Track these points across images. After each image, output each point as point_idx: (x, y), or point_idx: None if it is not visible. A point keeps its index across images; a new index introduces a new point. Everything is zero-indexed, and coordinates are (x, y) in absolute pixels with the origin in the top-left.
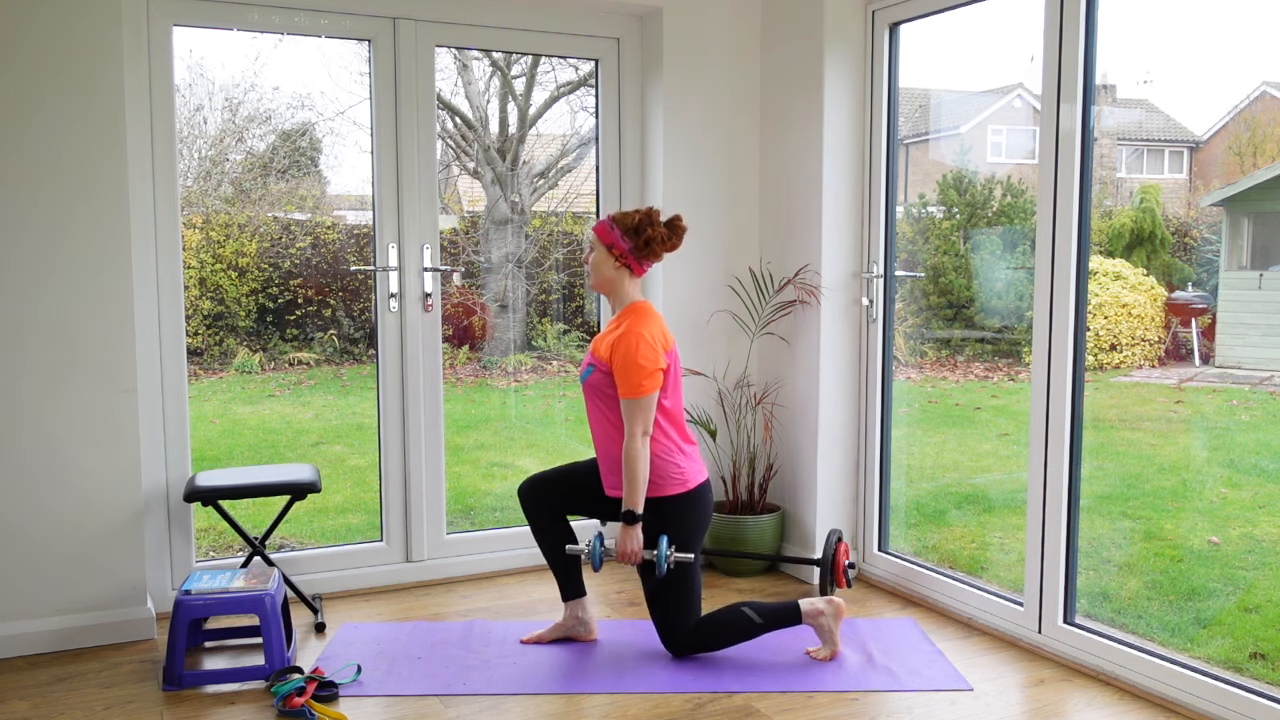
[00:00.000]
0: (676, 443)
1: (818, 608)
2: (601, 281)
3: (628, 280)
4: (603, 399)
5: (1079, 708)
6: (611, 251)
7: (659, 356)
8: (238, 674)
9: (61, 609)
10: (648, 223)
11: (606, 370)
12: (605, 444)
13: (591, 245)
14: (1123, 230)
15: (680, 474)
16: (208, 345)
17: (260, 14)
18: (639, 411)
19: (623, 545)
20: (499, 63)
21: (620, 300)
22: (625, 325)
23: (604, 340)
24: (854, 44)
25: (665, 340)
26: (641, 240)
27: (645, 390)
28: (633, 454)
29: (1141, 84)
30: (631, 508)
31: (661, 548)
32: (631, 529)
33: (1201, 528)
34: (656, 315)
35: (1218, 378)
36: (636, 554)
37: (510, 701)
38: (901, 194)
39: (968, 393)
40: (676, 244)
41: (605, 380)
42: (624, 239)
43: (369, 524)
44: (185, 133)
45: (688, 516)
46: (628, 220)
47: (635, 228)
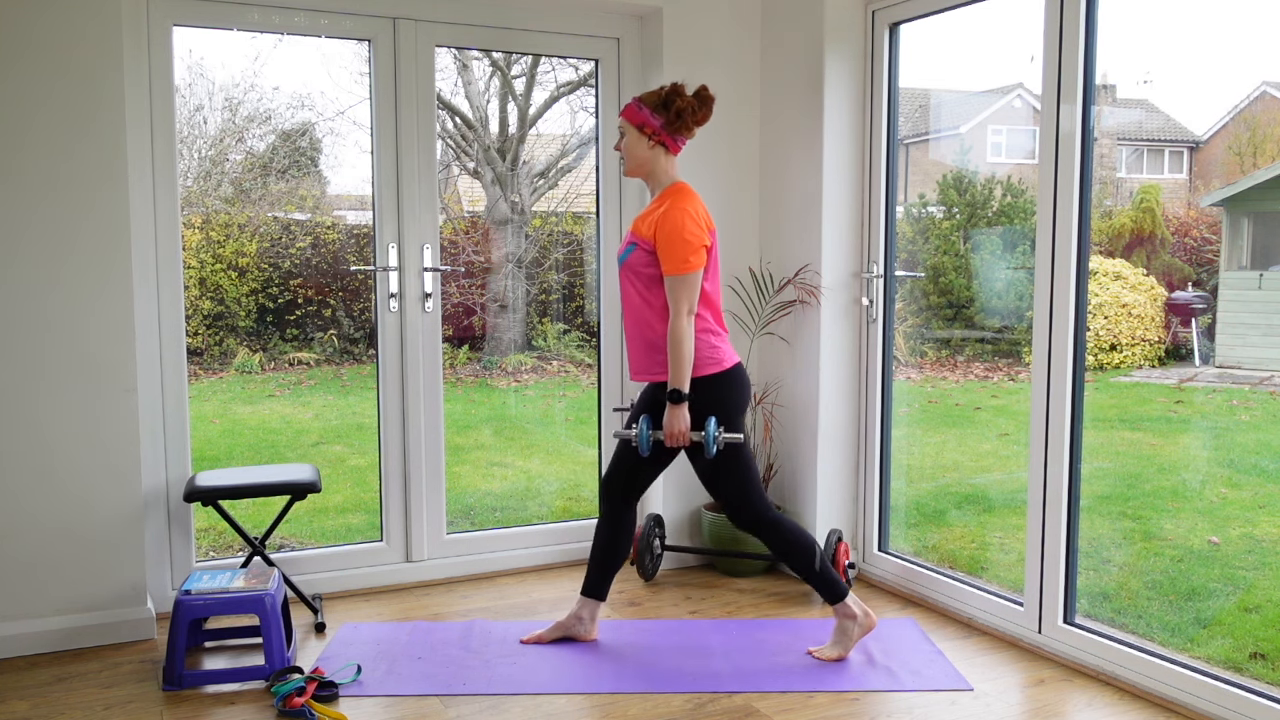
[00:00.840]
0: (712, 325)
1: (855, 611)
2: (637, 164)
3: (663, 158)
4: (641, 279)
5: (1079, 708)
6: (643, 131)
7: (704, 233)
8: (238, 674)
9: (61, 609)
10: (675, 94)
11: (649, 248)
12: (639, 327)
13: (622, 130)
14: (1123, 230)
15: (716, 354)
16: (208, 345)
17: (260, 14)
18: (685, 288)
19: (670, 425)
20: (499, 63)
21: (658, 182)
22: (669, 203)
23: (645, 219)
24: (854, 44)
25: (708, 218)
26: (672, 113)
27: (692, 266)
28: (679, 332)
29: (1141, 84)
30: (678, 386)
31: (710, 429)
32: (678, 408)
33: (1201, 528)
34: (696, 195)
35: (1218, 378)
36: (685, 434)
37: (510, 701)
38: (901, 194)
39: (968, 393)
40: (706, 115)
41: (646, 259)
42: (654, 115)
43: (369, 524)
44: (185, 133)
45: (729, 395)
46: (654, 96)
47: (664, 101)
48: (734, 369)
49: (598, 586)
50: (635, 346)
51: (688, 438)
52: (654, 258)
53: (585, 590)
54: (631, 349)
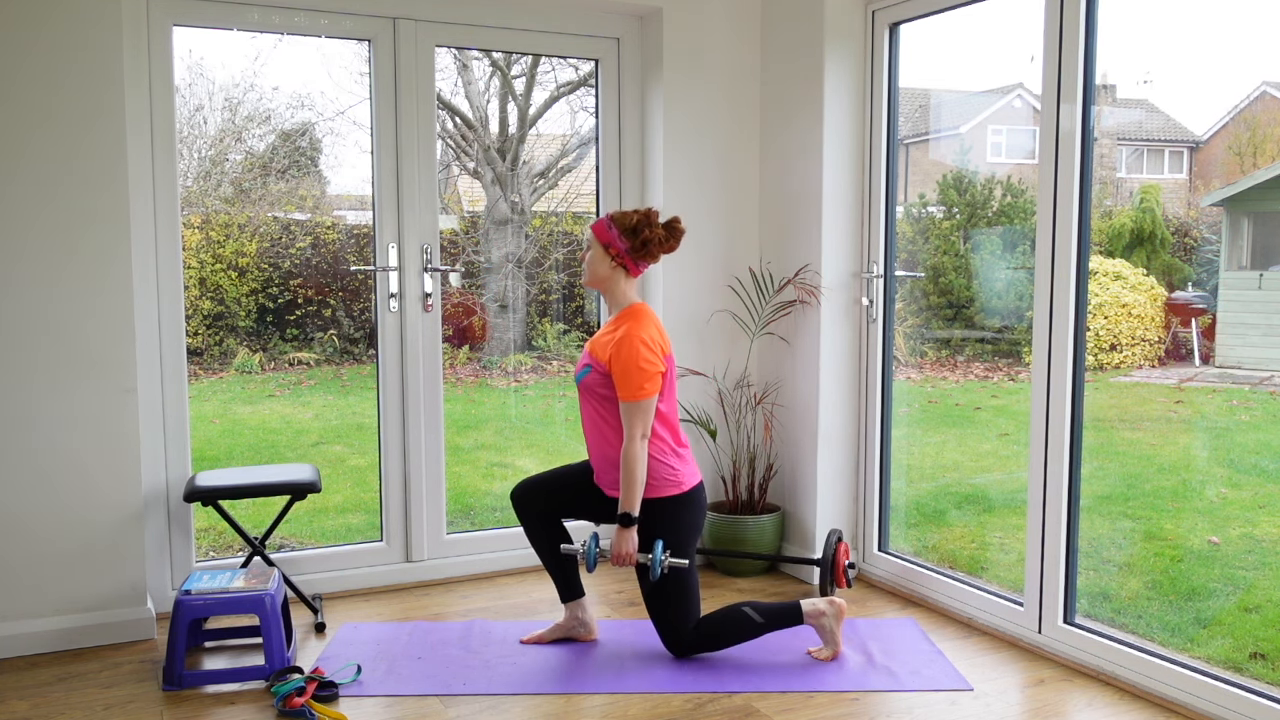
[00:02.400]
0: (671, 445)
1: (819, 608)
2: (596, 280)
3: (623, 280)
4: (598, 399)
5: (1079, 708)
6: (608, 251)
7: (659, 359)
8: (238, 674)
9: (62, 609)
10: (646, 224)
11: (604, 371)
12: (600, 444)
13: (589, 243)
14: (1123, 230)
15: (675, 475)
16: (208, 345)
17: (260, 14)
18: (639, 414)
19: (618, 548)
20: (499, 63)
21: (616, 301)
22: (625, 328)
23: (601, 341)
24: (854, 44)
25: (663, 343)
26: (639, 241)
27: (646, 394)
28: (631, 456)
29: (1141, 84)
30: (628, 510)
31: (656, 553)
32: (627, 531)
33: (1201, 528)
34: (654, 317)
35: (1218, 378)
36: (631, 556)
37: (510, 701)
38: (901, 194)
39: (968, 393)
40: (674, 246)
41: (602, 381)
42: (621, 239)
43: (369, 524)
44: (185, 133)
45: (682, 518)
46: (626, 220)
47: (633, 228)
48: (692, 491)
49: (570, 588)
50: (598, 461)
51: (634, 559)
52: (609, 380)
53: (564, 598)
54: (595, 463)
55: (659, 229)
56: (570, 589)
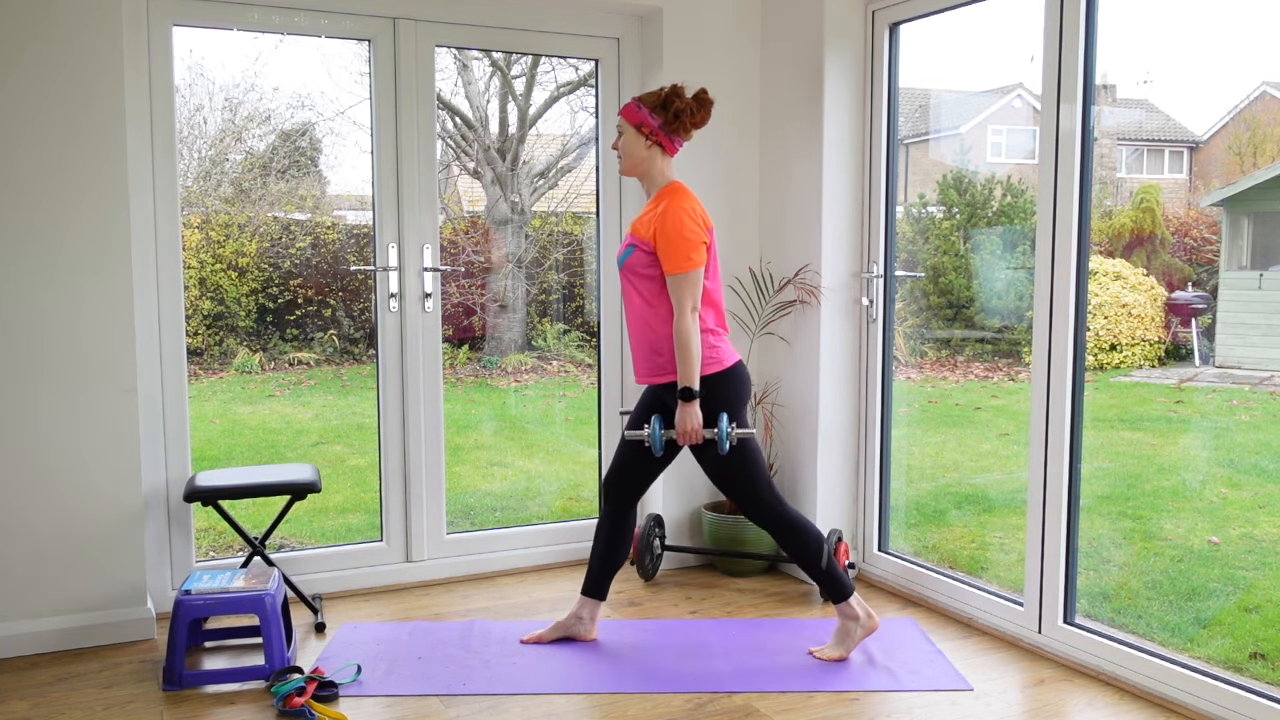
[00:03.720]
0: (712, 326)
1: (858, 612)
2: (633, 164)
3: (660, 159)
4: (642, 281)
5: (1079, 708)
6: (641, 130)
7: (702, 231)
8: (238, 674)
9: (61, 609)
10: (674, 95)
11: (648, 249)
12: (642, 329)
13: (620, 129)
14: (1123, 230)
15: (716, 354)
16: (208, 345)
17: (260, 14)
18: (687, 286)
19: (682, 423)
20: (499, 63)
21: (654, 182)
22: (665, 203)
23: (643, 220)
24: (854, 44)
25: (705, 218)
26: (670, 114)
27: (693, 264)
28: (684, 330)
29: (1141, 84)
30: (688, 384)
31: (723, 426)
32: (690, 406)
33: (1201, 528)
34: (693, 194)
35: (1218, 378)
36: (697, 432)
37: (510, 701)
38: (901, 194)
39: (968, 393)
40: (705, 118)
41: (646, 260)
42: (652, 115)
43: (369, 524)
44: (185, 133)
45: (732, 392)
46: (653, 97)
47: (663, 102)
48: (735, 367)
49: (598, 586)
50: (639, 349)
51: (700, 435)
52: (654, 258)
53: (586, 590)
54: (636, 352)
55: (689, 99)
56: (599, 588)
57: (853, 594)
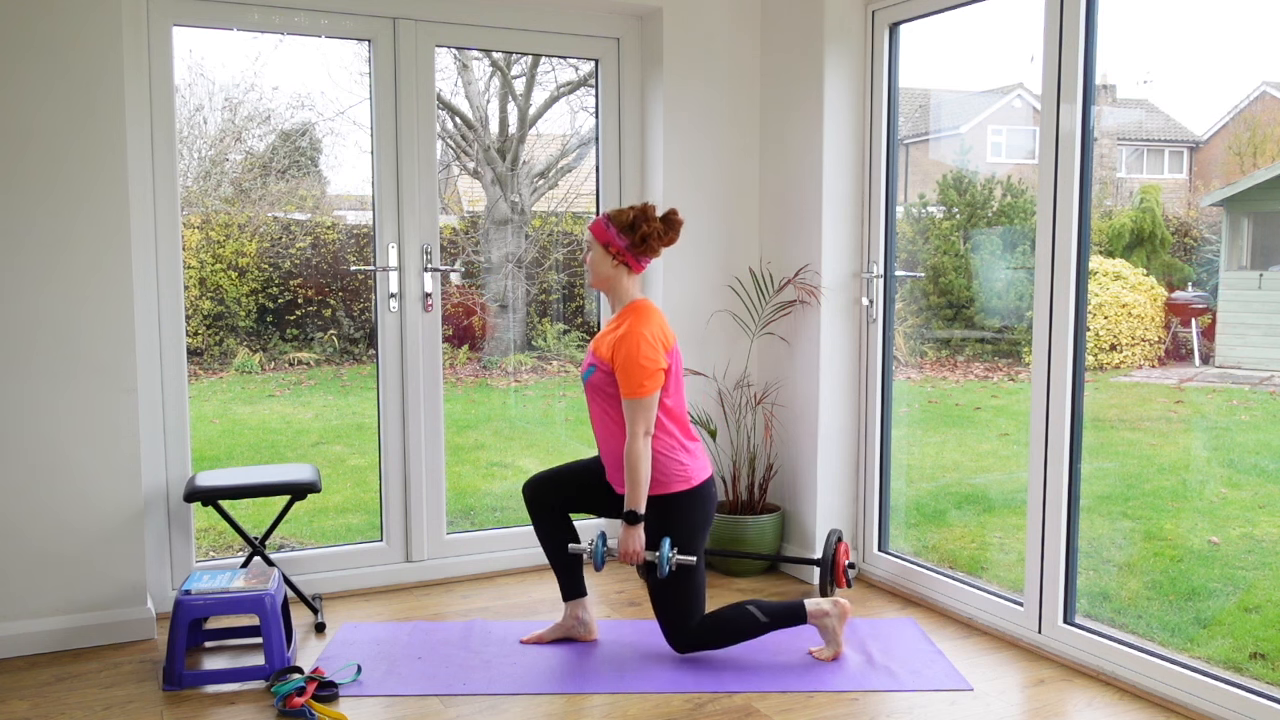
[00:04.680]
0: (679, 440)
1: (823, 608)
2: (599, 280)
3: (626, 278)
4: (605, 398)
5: (1079, 708)
6: (609, 250)
7: (660, 356)
8: (238, 674)
9: (61, 609)
10: (643, 218)
11: (608, 370)
12: (609, 442)
13: (588, 244)
14: (1123, 230)
15: (684, 471)
16: (208, 345)
17: (260, 14)
18: (641, 411)
19: (624, 545)
20: (499, 63)
21: (620, 299)
22: (626, 325)
23: (604, 339)
24: (854, 44)
25: (666, 339)
26: (638, 237)
27: (647, 390)
28: (634, 454)
29: (1141, 84)
30: (634, 508)
31: (664, 550)
32: (634, 529)
33: (1201, 528)
34: (657, 313)
35: (1218, 378)
36: (639, 554)
37: (510, 701)
38: (901, 194)
39: (968, 393)
40: (673, 238)
41: (607, 379)
42: (620, 236)
43: (369, 524)
44: (185, 133)
45: (691, 514)
46: (623, 217)
47: (630, 224)
48: (701, 486)
49: (573, 586)
50: (611, 460)
51: (641, 557)
52: (614, 378)
53: (566, 596)
54: (607, 461)
55: (656, 222)
56: (573, 588)
57: (805, 603)
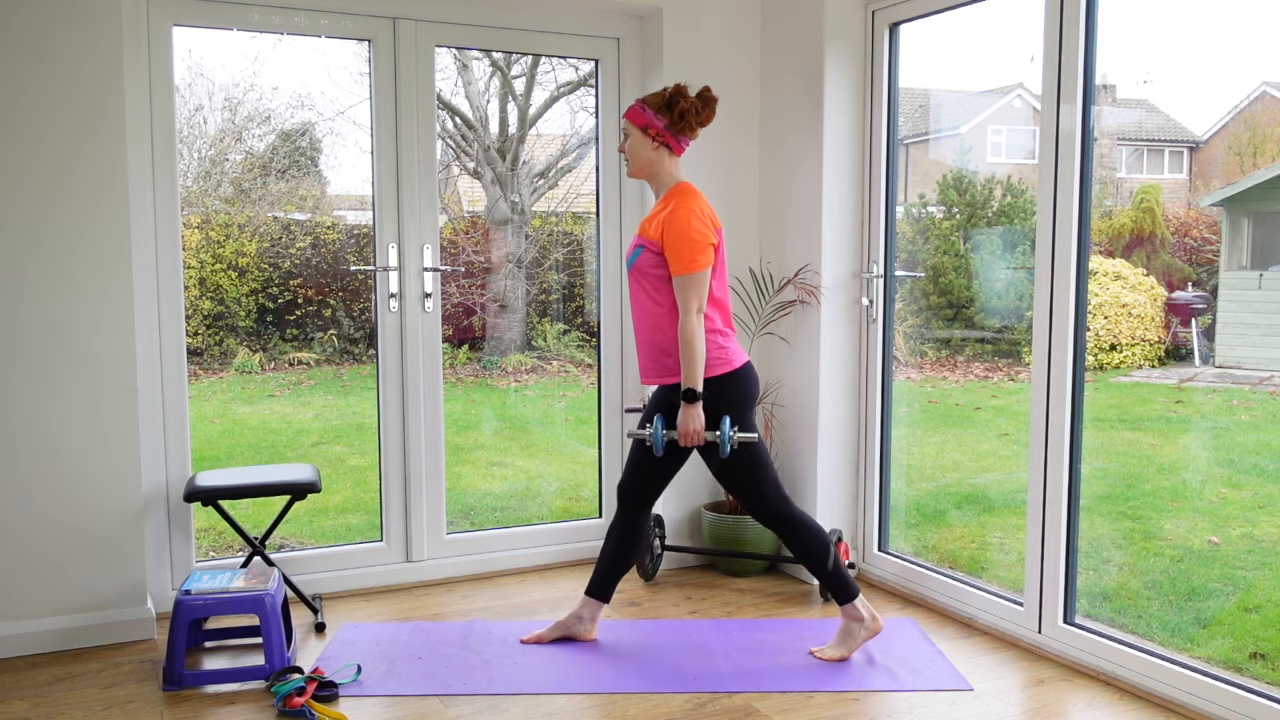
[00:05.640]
0: (719, 327)
1: (863, 614)
2: (641, 166)
3: (667, 160)
4: (651, 281)
5: (1079, 708)
6: (647, 132)
7: (710, 232)
8: (238, 674)
9: (61, 609)
10: (679, 95)
11: (657, 250)
12: (649, 330)
13: (625, 132)
14: (1123, 230)
15: (724, 354)
16: (208, 345)
17: (260, 14)
18: (694, 288)
19: (684, 425)
20: (499, 63)
21: (662, 183)
22: (674, 203)
23: (653, 221)
24: (854, 44)
25: (714, 218)
26: (676, 114)
27: (700, 265)
28: (689, 331)
29: (1141, 84)
30: (692, 385)
31: (724, 428)
32: (692, 408)
33: (1201, 528)
34: (701, 195)
35: (1218, 378)
36: (699, 433)
37: (510, 701)
38: (901, 194)
39: (968, 393)
40: (710, 116)
41: (654, 261)
42: (658, 117)
43: (369, 524)
44: (185, 133)
45: (738, 394)
46: (658, 99)
47: (667, 103)
48: (743, 368)
49: (603, 588)
50: (645, 350)
51: (702, 437)
52: (662, 259)
53: (590, 590)
54: (642, 353)
55: (693, 99)
56: (603, 589)
57: (858, 595)
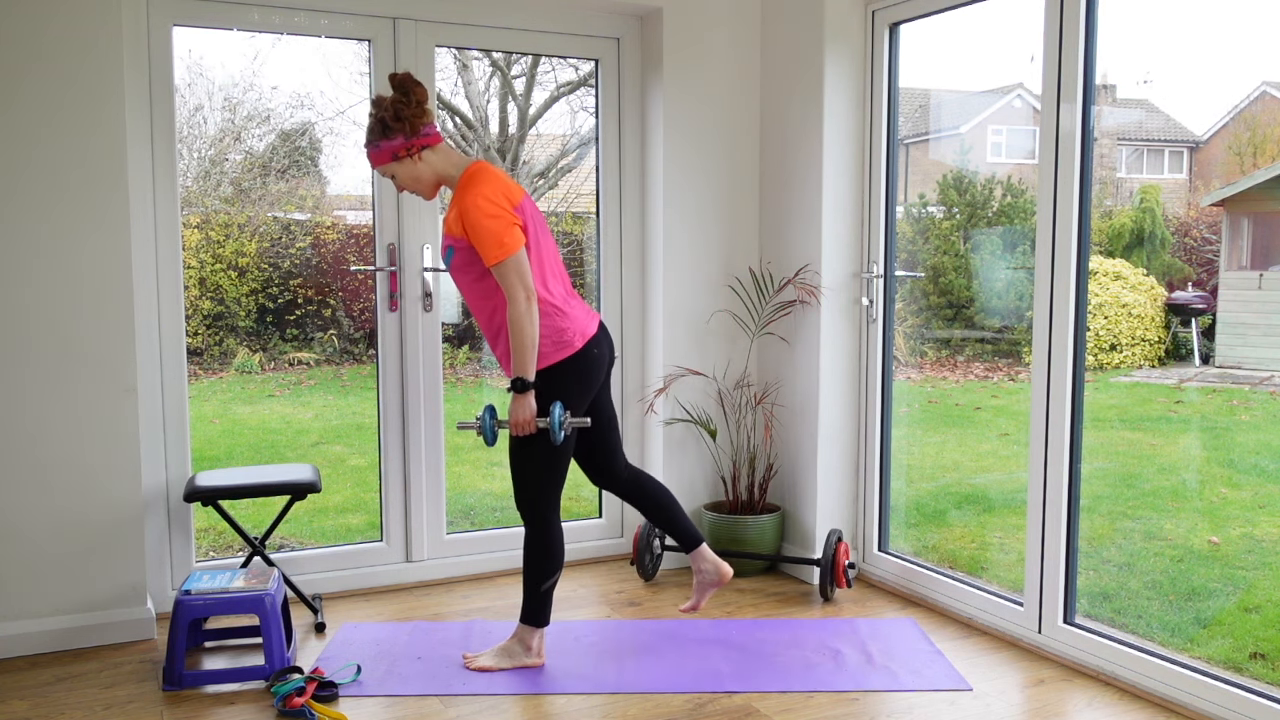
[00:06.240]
0: (557, 304)
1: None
2: (427, 184)
3: (436, 158)
4: (474, 276)
5: (1079, 708)
6: (401, 157)
7: (506, 211)
8: (238, 674)
9: (61, 609)
10: (384, 108)
11: (466, 244)
12: (492, 325)
13: (390, 175)
14: (1123, 230)
15: (563, 337)
16: (208, 345)
17: (260, 14)
18: (512, 272)
19: (514, 415)
20: (499, 63)
21: (451, 178)
22: (463, 195)
23: (450, 219)
24: (854, 44)
25: (510, 193)
26: (400, 121)
27: (510, 247)
28: (517, 318)
29: (1141, 84)
30: (521, 374)
31: (555, 413)
32: (523, 397)
33: (1201, 528)
34: (491, 173)
35: (1218, 378)
36: (530, 423)
37: (510, 701)
38: (901, 194)
39: (968, 393)
40: (421, 94)
41: (469, 256)
42: (395, 137)
43: (369, 524)
44: (185, 133)
45: (577, 377)
46: (375, 129)
47: (382, 124)
48: (584, 348)
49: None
50: (498, 344)
51: (534, 426)
52: (475, 252)
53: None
54: (497, 349)
55: (393, 98)
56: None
57: (543, 628)
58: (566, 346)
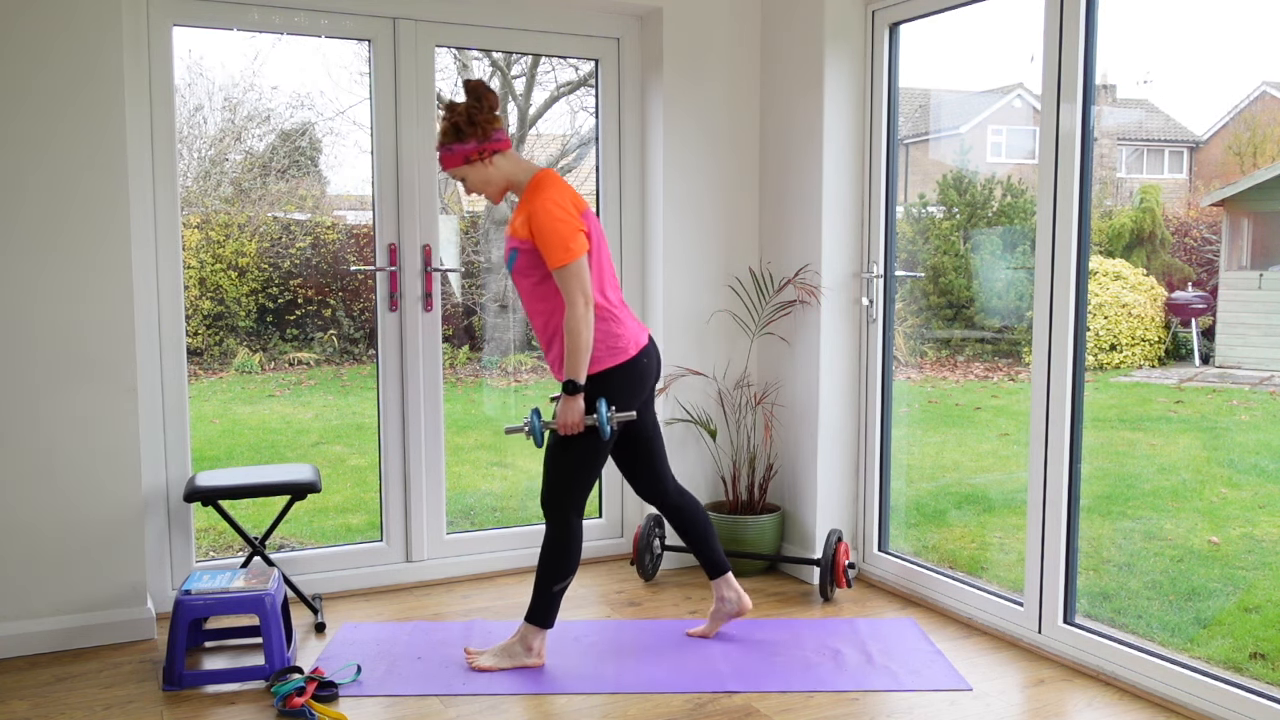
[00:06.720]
0: (614, 312)
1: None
2: (497, 188)
3: (507, 163)
4: (536, 281)
5: (1079, 708)
6: (474, 160)
7: (574, 217)
8: (238, 674)
9: (61, 609)
10: (456, 113)
11: (530, 247)
12: (548, 329)
13: (460, 177)
14: (1123, 230)
15: (618, 344)
16: (208, 345)
17: (260, 14)
18: (574, 277)
19: (563, 416)
20: (499, 63)
21: (520, 183)
22: (532, 198)
23: (516, 222)
24: (854, 44)
25: (577, 201)
26: (474, 127)
27: (574, 253)
28: (575, 322)
29: (1141, 84)
30: (573, 377)
31: (601, 410)
32: (573, 399)
33: (1201, 528)
34: (558, 181)
35: (1218, 378)
36: (578, 424)
37: (510, 701)
38: (901, 194)
39: (968, 393)
40: (491, 100)
41: (532, 259)
42: (469, 141)
43: (369, 524)
44: (185, 133)
45: (627, 384)
46: (447, 131)
47: (455, 127)
48: (637, 357)
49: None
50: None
51: (581, 426)
52: (539, 256)
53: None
54: (550, 353)
55: (465, 104)
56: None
57: (548, 630)
58: (620, 353)
